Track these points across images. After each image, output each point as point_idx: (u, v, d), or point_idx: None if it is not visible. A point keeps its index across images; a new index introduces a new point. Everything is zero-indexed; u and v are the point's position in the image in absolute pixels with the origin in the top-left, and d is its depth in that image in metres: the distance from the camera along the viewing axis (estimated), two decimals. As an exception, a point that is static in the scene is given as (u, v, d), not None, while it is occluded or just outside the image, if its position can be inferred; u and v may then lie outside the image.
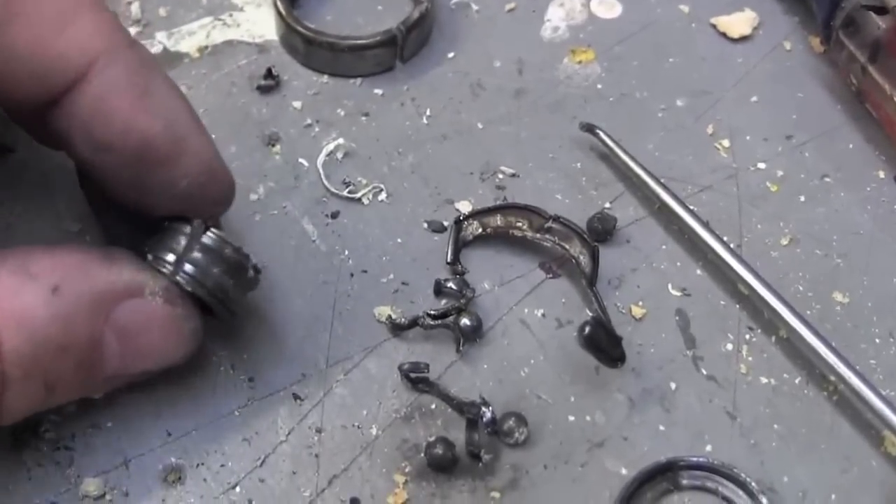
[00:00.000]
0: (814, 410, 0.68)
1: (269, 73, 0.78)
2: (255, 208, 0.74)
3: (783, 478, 0.65)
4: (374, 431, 0.66)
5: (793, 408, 0.68)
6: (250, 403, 0.66)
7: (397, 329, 0.69)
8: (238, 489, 0.63)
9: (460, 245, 0.72)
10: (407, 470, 0.64)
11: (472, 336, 0.68)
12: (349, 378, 0.67)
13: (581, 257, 0.71)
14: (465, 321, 0.68)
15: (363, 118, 0.78)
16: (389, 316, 0.69)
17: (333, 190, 0.75)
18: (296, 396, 0.67)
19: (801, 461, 0.66)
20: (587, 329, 0.63)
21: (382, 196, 0.76)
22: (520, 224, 0.73)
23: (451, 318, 0.68)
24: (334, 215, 0.74)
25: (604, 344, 0.64)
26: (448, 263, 0.71)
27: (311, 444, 0.65)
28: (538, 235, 0.72)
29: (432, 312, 0.68)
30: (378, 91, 0.81)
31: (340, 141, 0.77)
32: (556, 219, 0.71)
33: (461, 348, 0.68)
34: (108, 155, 0.56)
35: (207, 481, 0.63)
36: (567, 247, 0.72)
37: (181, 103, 0.58)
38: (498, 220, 0.73)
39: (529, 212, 0.72)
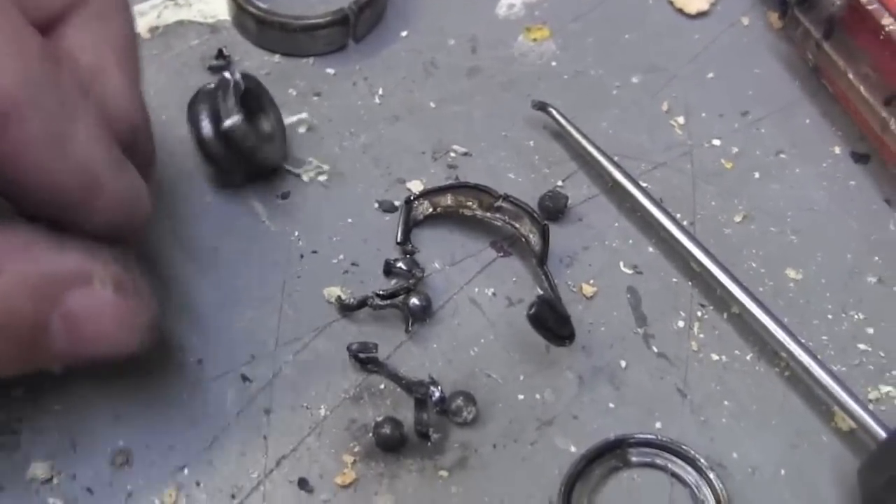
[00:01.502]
0: (765, 387, 0.70)
1: (220, 54, 0.80)
2: (205, 190, 0.75)
3: (733, 454, 0.67)
4: (322, 412, 0.67)
5: (744, 384, 0.69)
6: (199, 385, 0.67)
7: (346, 309, 0.70)
8: (186, 471, 0.65)
9: (411, 225, 0.74)
10: (355, 450, 0.66)
11: (422, 316, 0.70)
12: (298, 359, 0.69)
13: (531, 236, 0.73)
14: (414, 301, 0.70)
15: (315, 98, 0.80)
16: (339, 296, 0.70)
17: (287, 168, 0.76)
18: (244, 378, 0.68)
19: (751, 437, 0.68)
20: (533, 308, 0.64)
21: (334, 176, 0.77)
22: (470, 203, 0.74)
23: (400, 298, 0.70)
24: (285, 196, 0.76)
25: (551, 322, 0.66)
26: (398, 243, 0.73)
27: (260, 425, 0.66)
28: (488, 214, 0.74)
29: (381, 292, 0.70)
30: (330, 70, 0.82)
31: (303, 115, 0.79)
32: (506, 198, 0.73)
33: (410, 328, 0.70)
34: (21, 195, 0.55)
35: (155, 463, 0.65)
36: (517, 226, 0.73)
37: (100, 146, 0.56)
38: (448, 200, 0.75)
39: (479, 191, 0.74)
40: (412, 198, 0.74)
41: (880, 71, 0.75)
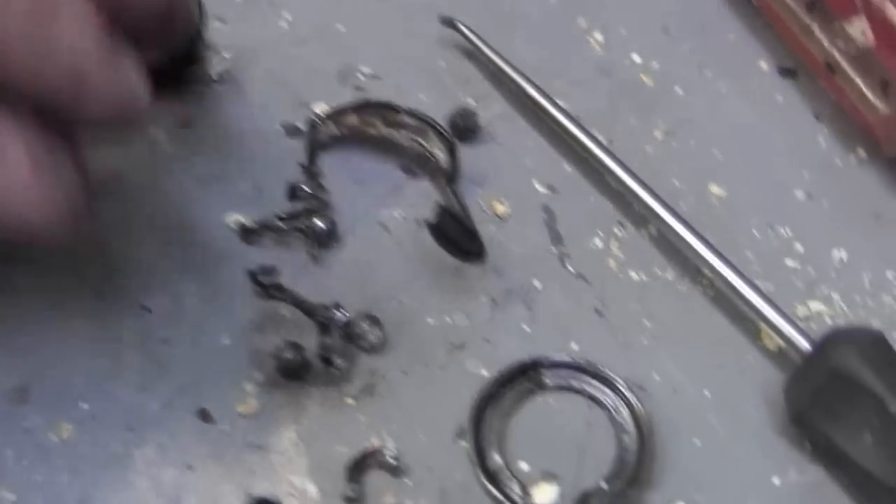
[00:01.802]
0: (687, 305, 0.68)
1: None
2: (106, 120, 0.70)
3: (654, 375, 0.65)
4: (224, 341, 0.65)
5: (665, 304, 0.67)
6: (98, 317, 0.65)
7: (248, 235, 0.68)
8: (84, 404, 0.63)
9: (316, 148, 0.71)
10: (258, 379, 0.64)
11: (327, 240, 0.68)
12: (199, 287, 0.67)
13: (439, 153, 0.71)
14: (318, 224, 0.67)
15: (218, 24, 0.77)
16: (241, 222, 0.68)
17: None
18: (144, 307, 0.66)
19: (672, 358, 0.66)
20: (434, 218, 0.63)
21: (238, 101, 0.74)
22: (375, 122, 0.72)
23: (303, 221, 0.68)
24: (186, 123, 0.73)
25: (454, 235, 0.64)
26: (302, 166, 0.70)
27: (160, 356, 0.64)
28: (393, 132, 0.71)
29: (283, 215, 0.67)
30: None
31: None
32: (410, 113, 0.71)
33: (314, 252, 0.67)
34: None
35: (53, 399, 0.63)
36: (423, 143, 0.71)
37: (87, 41, 0.52)
38: (354, 120, 0.72)
39: (384, 108, 0.72)
40: (317, 119, 0.71)
41: (801, -26, 0.71)
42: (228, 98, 0.75)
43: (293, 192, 0.69)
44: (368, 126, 0.73)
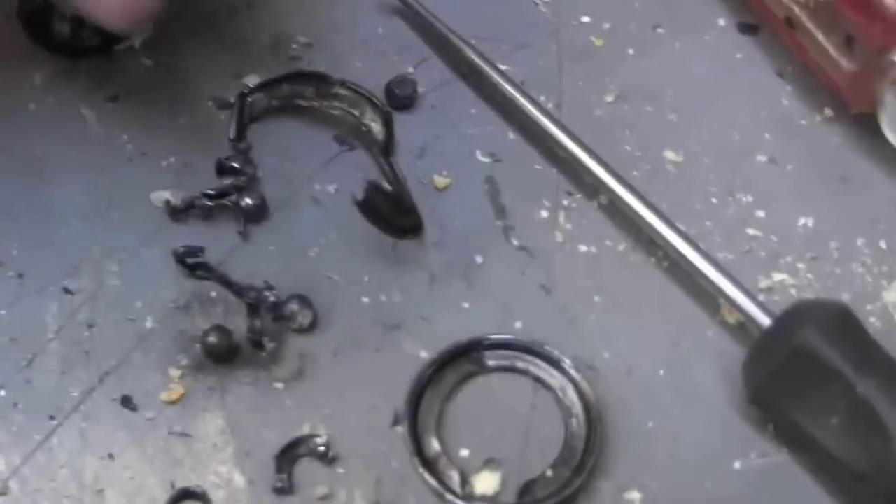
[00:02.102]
0: (641, 279, 0.64)
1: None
2: (30, 97, 0.70)
3: (604, 354, 0.62)
4: (148, 324, 0.62)
5: (616, 277, 0.64)
6: (18, 301, 0.62)
7: (175, 213, 0.65)
8: (3, 392, 0.60)
9: (246, 121, 0.68)
10: (183, 364, 0.60)
11: (256, 216, 0.65)
12: (124, 269, 0.63)
13: (373, 125, 0.68)
14: (246, 200, 0.65)
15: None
16: (167, 200, 0.65)
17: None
18: (66, 290, 0.63)
19: (625, 335, 0.62)
20: (361, 194, 0.59)
21: (166, 75, 0.71)
22: (307, 93, 0.69)
23: (231, 198, 0.64)
24: (114, 98, 0.70)
25: (386, 212, 0.61)
26: (231, 140, 0.66)
27: (82, 340, 0.61)
28: (326, 103, 0.68)
29: (210, 192, 0.64)
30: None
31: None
32: (343, 84, 0.68)
33: (243, 230, 0.64)
34: None
35: (-29, 385, 0.57)
36: (357, 114, 0.68)
37: None
38: (285, 91, 0.69)
39: (317, 79, 0.69)
40: (247, 91, 0.68)
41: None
42: (157, 72, 0.71)
43: (222, 168, 0.66)
44: (301, 97, 0.69)
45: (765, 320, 0.58)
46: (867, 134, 0.68)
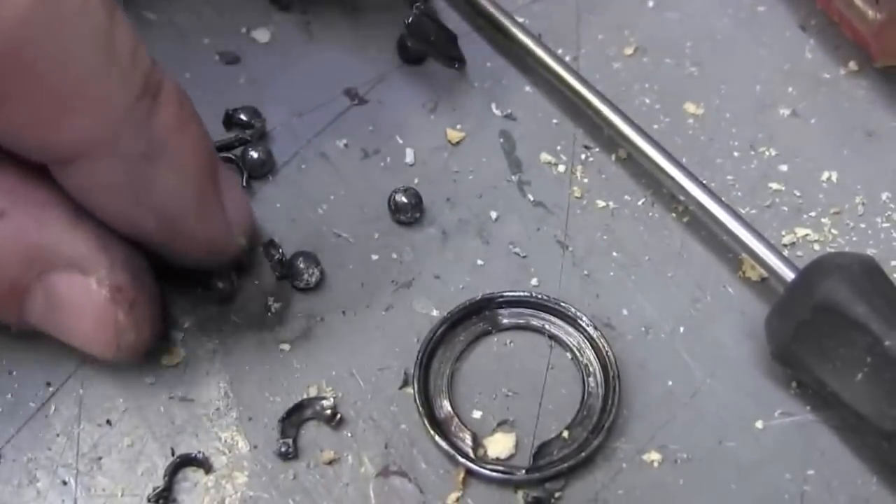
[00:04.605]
0: (660, 234, 0.60)
1: None
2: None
3: (622, 311, 0.58)
4: (151, 285, 0.56)
5: (635, 233, 0.60)
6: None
7: None
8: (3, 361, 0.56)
9: None
10: (185, 326, 0.57)
11: (262, 170, 0.61)
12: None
13: None
14: (252, 154, 0.61)
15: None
16: None
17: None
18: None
19: (643, 292, 0.58)
20: (411, 18, 0.59)
21: (170, 30, 0.67)
22: None
23: (237, 151, 0.61)
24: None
25: (434, 37, 0.60)
26: None
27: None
28: None
29: (216, 143, 0.60)
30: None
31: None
32: None
33: (245, 185, 0.61)
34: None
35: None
36: None
37: (181, 190, 0.50)
38: None
39: None
40: None
41: None
42: (161, 26, 0.68)
43: (229, 121, 0.63)
44: None
45: (789, 274, 0.54)
46: (892, 87, 0.64)
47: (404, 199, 0.58)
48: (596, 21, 0.68)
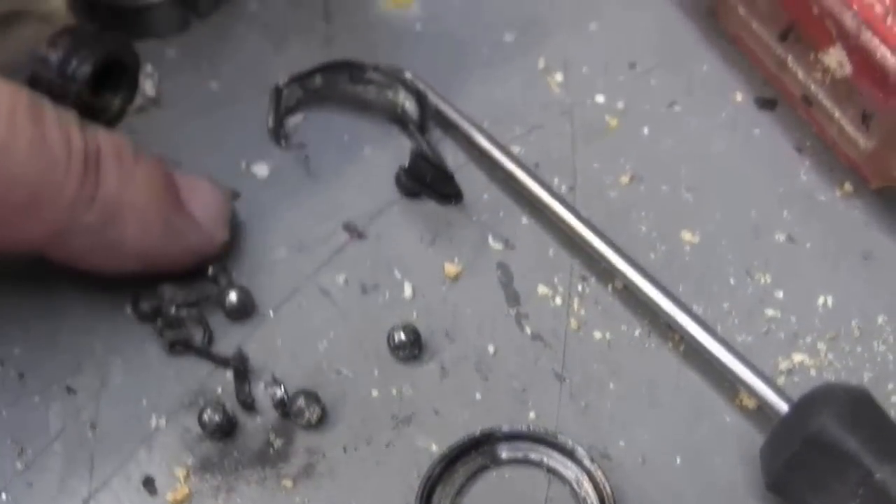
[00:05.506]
0: (656, 365, 0.63)
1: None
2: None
3: (619, 442, 0.60)
4: (153, 422, 0.61)
5: (631, 363, 0.63)
6: (20, 400, 0.62)
7: (143, 318, 0.64)
8: (3, 495, 0.58)
9: (283, 112, 0.71)
10: (189, 462, 0.60)
11: (242, 314, 0.65)
12: (128, 364, 0.63)
13: (407, 104, 0.69)
14: (230, 298, 0.65)
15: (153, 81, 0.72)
16: (138, 306, 0.64)
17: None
18: (69, 389, 0.62)
19: (640, 422, 0.61)
20: (408, 161, 0.62)
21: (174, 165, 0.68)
22: (340, 81, 0.71)
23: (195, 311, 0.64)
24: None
25: (431, 177, 0.63)
26: (270, 129, 0.71)
27: (85, 440, 0.60)
28: (359, 88, 0.71)
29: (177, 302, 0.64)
30: (172, 52, 0.75)
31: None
32: (376, 68, 0.70)
33: (209, 334, 0.64)
34: None
35: (-28, 488, 0.57)
36: (391, 95, 0.70)
37: (148, 231, 0.59)
38: (318, 81, 0.71)
39: (349, 66, 0.71)
40: (281, 85, 0.71)
41: (772, 2, 0.68)
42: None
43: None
44: (333, 85, 0.71)
45: (783, 406, 0.57)
46: (887, 209, 0.67)
47: (403, 337, 0.61)
48: (592, 149, 0.71)
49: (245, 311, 0.64)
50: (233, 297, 0.63)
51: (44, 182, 0.53)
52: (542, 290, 0.65)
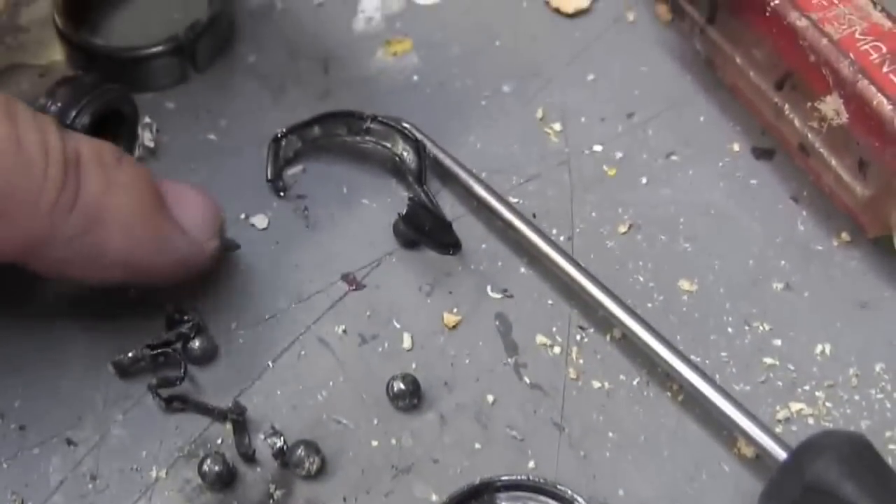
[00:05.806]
0: (655, 414, 0.64)
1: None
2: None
3: (619, 491, 0.61)
4: (153, 474, 0.62)
5: (630, 412, 0.64)
6: (20, 453, 0.63)
7: (122, 373, 0.65)
8: (3, 552, 0.57)
9: (281, 162, 0.72)
10: (189, 516, 0.58)
11: (204, 359, 0.66)
12: (129, 417, 0.64)
13: (406, 154, 0.70)
14: (193, 345, 0.66)
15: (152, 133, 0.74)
16: (119, 361, 0.66)
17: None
18: (70, 441, 0.63)
19: (640, 471, 0.62)
20: (406, 209, 0.63)
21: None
22: (339, 131, 0.72)
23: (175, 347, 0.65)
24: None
25: (428, 226, 0.64)
26: (269, 181, 0.72)
27: (85, 493, 0.61)
28: (357, 138, 0.72)
29: (151, 342, 0.65)
30: (170, 105, 0.76)
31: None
32: (375, 118, 0.70)
33: (182, 376, 0.64)
34: None
35: (-32, 545, 0.57)
36: (389, 146, 0.71)
37: (133, 239, 0.58)
38: (316, 131, 0.72)
39: (347, 116, 0.72)
40: (281, 134, 0.72)
41: (769, 52, 0.69)
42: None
43: (170, 319, 0.67)
44: (331, 135, 0.73)
45: (781, 454, 0.58)
46: (884, 258, 0.68)
47: (402, 387, 0.62)
48: (590, 199, 0.72)
49: (207, 357, 0.65)
50: (196, 344, 0.64)
51: (19, 186, 0.52)
52: (541, 339, 0.66)
